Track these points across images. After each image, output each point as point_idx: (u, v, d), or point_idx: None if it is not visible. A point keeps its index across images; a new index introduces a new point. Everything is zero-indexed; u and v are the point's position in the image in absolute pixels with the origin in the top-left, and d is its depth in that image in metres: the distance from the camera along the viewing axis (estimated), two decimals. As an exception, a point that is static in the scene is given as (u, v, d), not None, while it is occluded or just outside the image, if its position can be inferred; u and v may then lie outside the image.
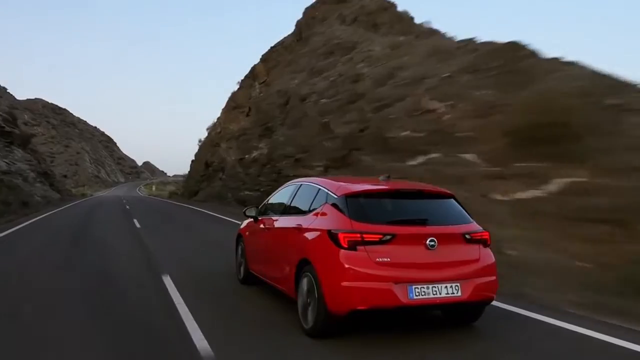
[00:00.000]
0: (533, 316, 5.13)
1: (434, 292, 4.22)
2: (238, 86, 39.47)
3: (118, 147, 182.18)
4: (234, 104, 37.62)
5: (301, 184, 5.65)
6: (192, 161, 46.69)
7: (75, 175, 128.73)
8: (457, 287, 4.29)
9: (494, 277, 4.55)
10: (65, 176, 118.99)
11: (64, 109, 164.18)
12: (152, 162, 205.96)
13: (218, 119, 41.78)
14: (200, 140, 45.86)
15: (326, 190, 4.91)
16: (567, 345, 4.39)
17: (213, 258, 9.10)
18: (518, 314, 5.24)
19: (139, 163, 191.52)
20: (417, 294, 4.18)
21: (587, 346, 4.38)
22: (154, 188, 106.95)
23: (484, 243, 4.61)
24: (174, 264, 8.35)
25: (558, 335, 4.63)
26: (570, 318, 5.04)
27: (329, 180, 5.13)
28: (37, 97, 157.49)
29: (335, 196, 4.70)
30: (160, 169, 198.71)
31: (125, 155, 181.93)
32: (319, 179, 5.39)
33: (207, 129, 44.58)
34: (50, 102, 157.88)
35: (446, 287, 4.26)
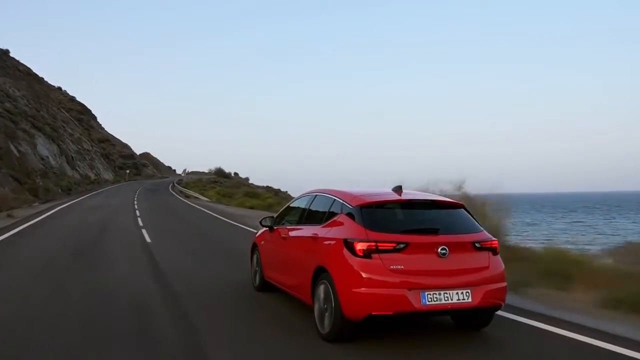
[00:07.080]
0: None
1: (446, 298, 4.43)
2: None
3: (100, 124, 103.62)
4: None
5: (316, 195, 5.88)
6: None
7: None
8: (467, 294, 4.49)
9: (503, 284, 4.74)
10: None
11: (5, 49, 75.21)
12: (152, 153, 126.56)
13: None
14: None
15: (341, 201, 5.14)
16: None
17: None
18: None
19: (137, 152, 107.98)
20: (430, 299, 4.38)
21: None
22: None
23: (494, 251, 4.81)
24: None
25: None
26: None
27: (344, 191, 5.35)
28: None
29: (351, 206, 4.93)
30: (166, 164, 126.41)
31: (113, 137, 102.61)
32: (334, 189, 5.60)
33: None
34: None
35: (457, 293, 4.46)
